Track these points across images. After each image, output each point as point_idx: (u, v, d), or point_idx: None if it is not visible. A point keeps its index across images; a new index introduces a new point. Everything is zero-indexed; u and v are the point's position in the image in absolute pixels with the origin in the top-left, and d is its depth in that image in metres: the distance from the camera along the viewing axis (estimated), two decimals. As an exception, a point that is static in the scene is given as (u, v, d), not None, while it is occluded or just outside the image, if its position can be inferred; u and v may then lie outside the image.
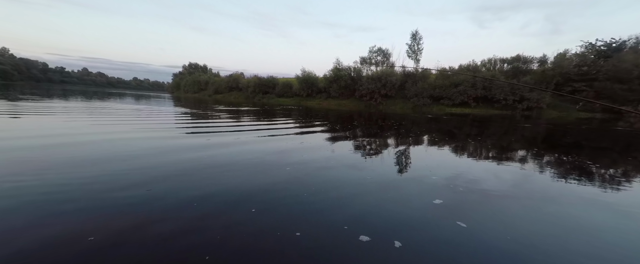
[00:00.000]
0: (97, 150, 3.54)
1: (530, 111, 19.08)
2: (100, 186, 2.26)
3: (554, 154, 4.99)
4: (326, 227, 1.76)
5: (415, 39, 27.84)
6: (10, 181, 2.33)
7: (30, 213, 1.77)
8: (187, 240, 1.54)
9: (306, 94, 28.49)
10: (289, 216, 1.90)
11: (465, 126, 9.48)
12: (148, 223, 1.71)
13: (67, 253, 1.36)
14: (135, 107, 11.56)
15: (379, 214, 2.00)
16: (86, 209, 1.85)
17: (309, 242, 1.58)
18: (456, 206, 2.21)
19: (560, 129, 9.88)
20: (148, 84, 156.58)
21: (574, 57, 20.10)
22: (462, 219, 1.93)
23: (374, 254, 1.50)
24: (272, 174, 2.87)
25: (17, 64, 79.07)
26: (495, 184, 2.86)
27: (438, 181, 2.82)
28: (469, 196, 2.44)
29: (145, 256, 1.38)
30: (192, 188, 2.31)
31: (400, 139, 5.97)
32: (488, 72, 20.93)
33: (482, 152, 4.80)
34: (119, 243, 1.48)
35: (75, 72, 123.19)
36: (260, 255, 1.44)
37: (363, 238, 1.63)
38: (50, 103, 10.66)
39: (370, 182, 2.72)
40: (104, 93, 28.35)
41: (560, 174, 3.43)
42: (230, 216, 1.86)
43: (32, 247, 1.40)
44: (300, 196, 2.27)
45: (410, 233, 1.75)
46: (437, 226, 1.86)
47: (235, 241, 1.56)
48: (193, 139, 4.77)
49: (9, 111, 7.29)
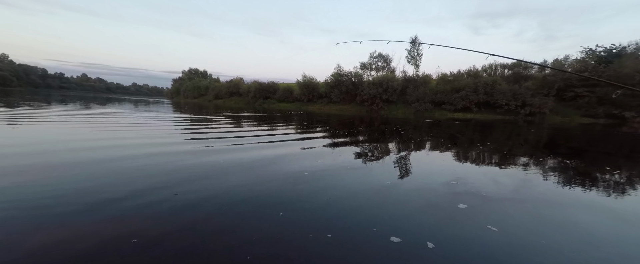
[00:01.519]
0: (122, 158, 3.44)
1: (532, 116, 19.04)
2: (131, 189, 2.32)
3: (573, 159, 4.85)
4: (355, 229, 1.81)
5: (414, 45, 28.12)
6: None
7: (86, 216, 1.82)
8: (227, 239, 1.62)
9: (307, 99, 28.44)
10: (318, 218, 1.95)
11: (470, 131, 9.37)
12: (189, 224, 1.78)
13: (116, 253, 1.43)
14: (145, 114, 11.21)
15: (405, 217, 2.05)
16: (128, 213, 1.91)
17: (341, 243, 1.64)
18: (482, 210, 2.23)
19: (564, 133, 9.80)
20: (147, 89, 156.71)
21: (575, 63, 20.20)
22: (492, 223, 1.95)
23: (408, 254, 1.56)
24: (293, 178, 2.88)
25: (16, 70, 78.99)
26: (516, 191, 2.85)
27: (457, 186, 2.82)
28: (492, 201, 2.46)
29: (190, 252, 1.47)
30: (219, 193, 2.34)
31: (411, 144, 5.92)
32: (489, 77, 20.96)
33: (495, 158, 4.74)
34: (161, 242, 1.55)
35: (75, 78, 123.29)
36: (298, 254, 1.50)
37: (394, 239, 1.68)
38: (64, 110, 10.45)
39: (391, 187, 2.75)
40: (104, 99, 28.14)
41: (586, 181, 3.29)
42: (260, 218, 1.91)
43: (87, 247, 1.46)
44: (324, 200, 2.30)
45: (441, 235, 1.78)
46: (468, 229, 1.88)
47: (271, 241, 1.61)
48: (211, 144, 4.71)
49: (26, 119, 7.08)
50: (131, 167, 3.00)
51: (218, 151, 4.15)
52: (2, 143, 4.12)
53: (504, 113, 19.83)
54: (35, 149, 3.72)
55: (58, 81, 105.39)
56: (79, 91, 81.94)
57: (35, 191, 2.20)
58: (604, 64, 19.24)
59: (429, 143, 6.28)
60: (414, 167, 3.75)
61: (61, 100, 18.82)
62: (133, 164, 3.10)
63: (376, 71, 27.90)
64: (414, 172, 3.40)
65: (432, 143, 6.27)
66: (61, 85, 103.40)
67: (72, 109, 11.50)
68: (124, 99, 30.03)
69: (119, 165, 3.05)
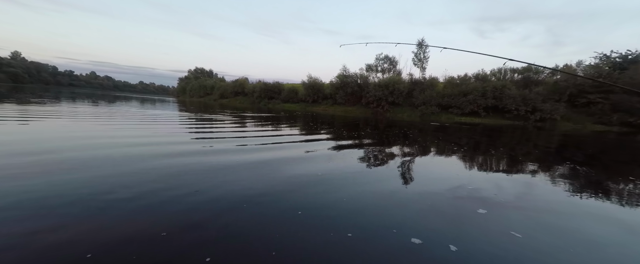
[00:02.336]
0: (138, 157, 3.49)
1: (543, 122, 18.55)
2: (154, 187, 2.36)
3: (589, 166, 4.63)
4: (374, 229, 1.83)
5: (421, 48, 27.79)
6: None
7: (114, 211, 1.87)
8: (250, 234, 1.66)
9: (312, 100, 28.32)
10: (336, 218, 1.97)
11: (480, 136, 9.13)
12: (212, 219, 1.83)
13: (145, 247, 1.47)
14: (156, 113, 11.23)
15: (423, 219, 2.04)
16: (152, 208, 1.96)
17: (362, 242, 1.66)
18: (503, 216, 2.23)
19: (576, 140, 9.45)
20: (153, 88, 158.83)
21: (588, 69, 19.65)
22: (516, 230, 1.94)
23: (431, 255, 1.56)
24: (307, 179, 2.90)
25: (28, 67, 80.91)
26: (535, 198, 2.81)
27: (474, 191, 2.80)
28: (512, 207, 2.44)
29: (217, 244, 1.53)
30: (236, 191, 2.38)
31: (421, 148, 5.78)
32: (498, 81, 20.53)
33: (510, 164, 4.65)
34: (187, 236, 1.60)
35: (83, 75, 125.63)
36: (321, 251, 1.52)
37: (415, 240, 1.69)
38: (78, 108, 10.52)
39: (406, 190, 2.74)
40: (112, 97, 28.49)
41: (602, 189, 3.20)
42: (280, 216, 1.94)
43: (115, 242, 1.50)
44: (340, 201, 2.31)
45: (463, 239, 1.77)
46: (491, 234, 1.88)
47: (293, 238, 1.64)
48: (223, 145, 4.75)
49: (43, 115, 7.08)
50: (150, 167, 3.02)
51: (231, 152, 4.17)
52: (34, 142, 4.11)
53: (513, 118, 19.37)
54: (54, 146, 3.75)
55: (68, 78, 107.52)
56: (88, 89, 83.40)
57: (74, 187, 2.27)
58: (619, 70, 18.67)
59: (440, 147, 6.15)
60: (428, 171, 3.71)
61: (72, 97, 19.08)
62: (151, 164, 3.13)
63: (382, 72, 27.68)
64: (427, 176, 3.37)
65: (443, 147, 6.14)
66: (71, 82, 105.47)
67: (85, 106, 11.60)
68: (132, 97, 30.38)
69: (141, 164, 3.08)
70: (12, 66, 71.98)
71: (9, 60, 76.01)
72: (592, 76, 16.34)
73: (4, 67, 69.24)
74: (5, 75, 66.82)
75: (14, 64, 74.50)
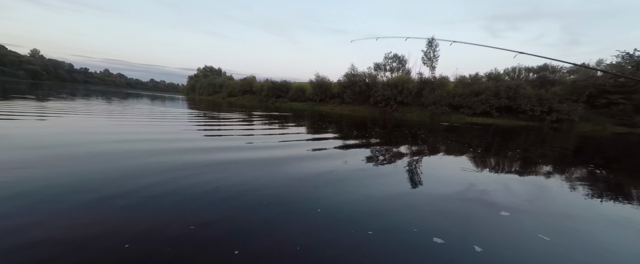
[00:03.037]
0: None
1: (559, 123, 17.85)
2: (180, 184, 2.40)
3: (611, 169, 4.40)
4: (395, 228, 1.83)
5: (431, 46, 27.12)
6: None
7: (152, 205, 1.96)
8: (272, 229, 1.69)
9: (319, 99, 28.22)
10: (355, 216, 1.97)
11: (495, 137, 8.83)
12: (234, 214, 1.88)
13: (176, 239, 1.53)
14: (171, 111, 11.38)
15: (444, 220, 2.02)
16: (181, 203, 2.01)
17: (383, 240, 1.67)
18: (527, 219, 2.19)
19: (598, 142, 9.01)
20: (164, 85, 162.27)
21: (610, 68, 18.74)
22: (543, 233, 1.91)
23: (455, 255, 1.56)
24: (324, 178, 2.90)
25: (46, 64, 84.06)
26: (563, 201, 2.75)
27: (494, 194, 2.75)
28: (536, 211, 2.38)
29: (242, 237, 1.58)
30: (256, 188, 2.40)
31: (436, 149, 5.64)
32: (512, 81, 19.87)
33: (529, 166, 4.51)
34: (215, 229, 1.66)
35: (98, 73, 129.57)
36: (343, 248, 1.54)
37: (437, 240, 1.69)
38: (98, 106, 10.81)
39: (424, 191, 2.70)
40: (125, 94, 29.19)
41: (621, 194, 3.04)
42: (301, 213, 1.96)
43: (148, 234, 1.57)
44: (359, 200, 2.31)
45: (488, 239, 1.76)
46: (517, 236, 1.86)
47: (315, 235, 1.66)
48: (238, 143, 4.76)
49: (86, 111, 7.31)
50: (166, 163, 3.05)
51: (244, 149, 4.19)
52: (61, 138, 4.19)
53: (527, 119, 18.71)
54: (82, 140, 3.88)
55: (83, 75, 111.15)
56: (102, 86, 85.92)
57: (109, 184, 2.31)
58: (643, 69, 17.73)
59: (454, 148, 5.99)
60: (445, 172, 3.65)
61: (89, 94, 19.63)
62: (168, 161, 3.15)
63: (391, 72, 27.26)
64: (444, 178, 3.32)
65: (458, 149, 5.97)
66: (86, 79, 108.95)
67: (104, 104, 11.87)
68: (143, 95, 31.07)
69: (163, 161, 3.13)
70: (31, 63, 74.96)
71: (29, 58, 79.18)
72: (617, 73, 15.56)
73: (24, 64, 72.16)
74: (25, 72, 69.64)
75: (33, 61, 77.58)
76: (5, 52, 69.77)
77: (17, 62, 71.01)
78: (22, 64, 71.80)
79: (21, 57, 74.43)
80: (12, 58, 70.12)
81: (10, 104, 8.19)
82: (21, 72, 68.72)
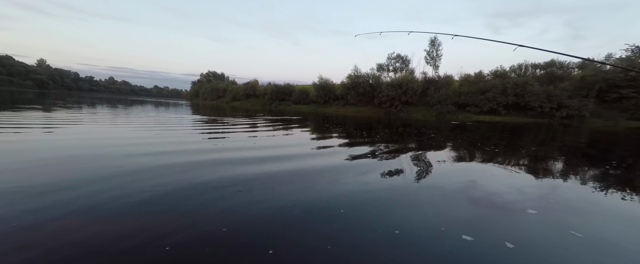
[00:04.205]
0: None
1: (570, 119, 17.53)
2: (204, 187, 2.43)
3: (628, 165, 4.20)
4: (422, 227, 1.85)
5: (433, 45, 27.00)
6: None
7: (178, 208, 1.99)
8: (303, 230, 1.73)
9: (323, 101, 28.19)
10: (380, 216, 1.98)
11: (506, 134, 8.64)
12: (264, 216, 1.91)
13: (211, 240, 1.56)
14: (179, 117, 11.42)
15: (471, 218, 2.02)
16: (207, 206, 2.04)
17: (411, 238, 1.68)
18: (556, 216, 2.18)
19: (612, 138, 8.76)
20: (167, 91, 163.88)
21: (619, 61, 18.39)
22: (575, 230, 1.88)
23: (487, 252, 1.55)
24: (343, 179, 2.91)
25: (52, 74, 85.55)
26: (590, 200, 2.67)
27: (518, 192, 2.70)
28: (563, 209, 2.35)
29: (274, 240, 1.60)
30: (279, 195, 2.36)
31: (451, 149, 5.46)
32: (519, 78, 19.61)
33: (549, 164, 4.41)
34: (247, 230, 1.70)
35: (103, 81, 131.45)
36: (372, 247, 1.55)
37: (466, 238, 1.68)
38: (108, 114, 10.87)
39: (444, 190, 2.67)
40: (129, 101, 29.46)
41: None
42: (325, 215, 1.96)
43: (188, 237, 1.59)
44: (381, 200, 2.33)
45: (519, 237, 1.75)
46: (549, 233, 1.84)
47: (343, 235, 1.68)
48: (250, 151, 4.54)
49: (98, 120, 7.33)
50: (182, 166, 3.08)
51: (258, 156, 4.03)
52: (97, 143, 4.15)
53: (536, 116, 18.42)
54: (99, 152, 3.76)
55: (88, 83, 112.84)
56: (107, 94, 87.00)
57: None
58: (655, 62, 17.36)
59: (471, 147, 5.85)
60: (466, 171, 3.63)
61: (93, 103, 19.82)
62: (184, 165, 3.17)
63: (394, 72, 27.14)
64: (467, 177, 3.26)
65: (472, 148, 5.82)
66: (91, 88, 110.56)
67: (111, 111, 11.94)
68: (147, 101, 31.31)
69: (184, 171, 3.01)
70: (38, 73, 76.35)
71: (35, 67, 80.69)
72: (627, 67, 15.24)
73: (31, 74, 73.52)
74: (32, 82, 70.93)
75: (40, 71, 79.03)
76: (12, 62, 71.22)
77: (24, 72, 72.40)
78: (29, 74, 73.17)
79: (28, 67, 75.90)
80: (20, 68, 71.53)
81: (24, 114, 8.26)
82: (28, 82, 70.01)
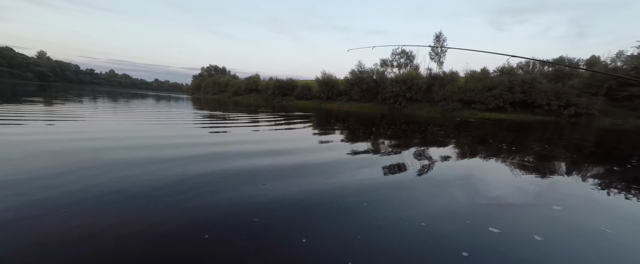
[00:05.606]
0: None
1: (578, 117, 17.26)
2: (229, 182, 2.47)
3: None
4: (447, 220, 1.87)
5: (438, 41, 26.51)
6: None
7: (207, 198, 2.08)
8: (332, 223, 1.76)
9: (326, 97, 27.87)
10: (404, 210, 2.03)
11: (513, 132, 8.46)
12: (290, 208, 1.97)
13: (245, 228, 1.64)
14: (186, 112, 11.28)
15: (496, 213, 2.07)
16: (233, 199, 2.10)
17: (438, 230, 1.71)
18: (582, 213, 2.21)
19: (621, 136, 8.55)
20: (168, 85, 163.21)
21: (630, 59, 17.99)
22: (605, 226, 1.91)
23: (515, 243, 1.60)
24: (362, 175, 2.91)
25: (53, 66, 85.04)
26: (614, 198, 2.69)
27: (540, 189, 2.73)
28: (588, 206, 2.38)
29: (305, 230, 1.66)
30: (301, 188, 2.39)
31: (465, 147, 5.36)
32: (527, 75, 19.25)
33: (565, 162, 4.45)
34: (277, 220, 1.76)
35: (103, 73, 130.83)
36: (400, 239, 1.59)
37: (493, 230, 1.72)
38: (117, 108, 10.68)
39: (470, 188, 2.67)
40: (131, 94, 29.23)
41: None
42: (349, 209, 2.01)
43: (227, 224, 1.70)
44: (402, 196, 2.35)
45: (546, 230, 1.78)
46: (578, 229, 1.89)
47: (371, 226, 1.73)
48: (267, 146, 4.54)
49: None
50: (199, 162, 3.12)
51: (270, 150, 4.06)
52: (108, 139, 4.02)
53: (543, 114, 18.14)
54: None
55: (89, 76, 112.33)
56: (108, 87, 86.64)
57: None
58: (666, 60, 16.97)
59: (483, 146, 5.75)
60: (484, 168, 3.65)
61: (101, 96, 19.66)
62: (202, 160, 3.22)
63: (399, 68, 26.76)
64: (486, 173, 3.31)
65: (486, 146, 5.70)
66: (92, 81, 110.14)
67: (117, 105, 11.77)
68: (148, 95, 31.09)
69: (210, 166, 3.01)
70: (38, 65, 75.92)
71: (36, 59, 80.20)
72: (622, 76, 14.87)
73: (31, 66, 73.12)
74: (33, 74, 70.58)
75: (41, 63, 78.56)
76: (13, 54, 70.73)
77: (25, 64, 71.98)
78: (29, 66, 72.77)
79: (28, 59, 75.42)
80: (20, 60, 71.09)
81: (32, 108, 8.08)
82: (29, 74, 69.66)
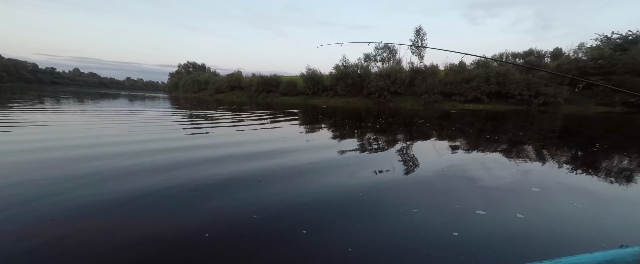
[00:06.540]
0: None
1: (546, 105, 18.66)
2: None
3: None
4: (438, 205, 2.04)
5: (418, 35, 27.21)
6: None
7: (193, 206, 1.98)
8: (337, 215, 1.84)
9: (312, 93, 27.75)
10: (399, 197, 2.18)
11: (489, 122, 8.97)
12: (296, 206, 1.99)
13: (244, 228, 1.65)
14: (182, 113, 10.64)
15: (481, 196, 2.23)
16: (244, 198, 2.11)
17: (429, 215, 1.86)
18: (558, 192, 2.38)
19: (587, 121, 9.45)
20: (142, 84, 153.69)
21: (590, 51, 19.64)
22: (578, 202, 2.15)
23: (500, 222, 1.78)
24: (369, 170, 2.95)
25: (5, 65, 76.44)
26: (585, 178, 2.96)
27: (520, 174, 2.95)
28: (564, 187, 2.53)
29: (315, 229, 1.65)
30: (306, 189, 2.36)
31: (452, 137, 5.51)
32: (502, 67, 20.39)
33: (542, 147, 4.71)
34: (275, 223, 1.73)
35: (67, 72, 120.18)
36: (390, 221, 1.75)
37: (479, 212, 1.88)
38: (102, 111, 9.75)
39: (456, 175, 2.83)
40: (99, 94, 27.11)
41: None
42: (347, 201, 2.09)
43: (234, 223, 1.71)
44: (393, 185, 2.51)
45: (527, 209, 1.97)
46: (555, 206, 2.08)
47: (367, 215, 1.83)
48: (266, 146, 4.25)
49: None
50: (202, 163, 3.06)
51: (278, 152, 3.86)
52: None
53: (516, 103, 19.41)
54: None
55: (50, 75, 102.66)
56: (72, 86, 79.72)
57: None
58: (620, 51, 18.73)
59: (465, 136, 6.03)
60: (468, 159, 3.78)
61: (59, 97, 17.96)
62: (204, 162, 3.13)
63: (382, 62, 27.16)
64: (470, 163, 3.46)
65: (468, 136, 5.98)
66: (53, 80, 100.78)
67: (85, 107, 10.80)
68: (121, 95, 29.04)
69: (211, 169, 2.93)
70: (-13, 65, 67.85)
71: (-16, 59, 71.57)
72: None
73: (-21, 66, 65.20)
74: (-19, 75, 63.00)
75: (-10, 63, 70.25)
76: (-45, 53, 62.42)
77: (-29, 64, 64.01)
78: (-24, 66, 64.80)
79: (-25, 59, 67.10)
80: (-35, 60, 63.03)
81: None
82: (-23, 75, 62.07)
